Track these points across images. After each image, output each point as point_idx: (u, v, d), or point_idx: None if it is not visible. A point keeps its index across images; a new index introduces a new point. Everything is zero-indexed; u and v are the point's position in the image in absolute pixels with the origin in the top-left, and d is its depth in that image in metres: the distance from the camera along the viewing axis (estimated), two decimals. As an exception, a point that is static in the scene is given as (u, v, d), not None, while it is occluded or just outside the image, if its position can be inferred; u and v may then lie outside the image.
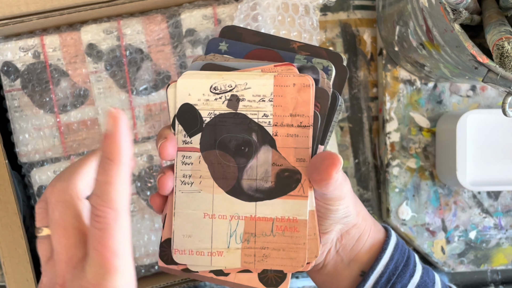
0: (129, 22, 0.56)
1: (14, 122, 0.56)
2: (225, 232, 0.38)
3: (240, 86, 0.37)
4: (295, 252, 0.38)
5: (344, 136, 0.64)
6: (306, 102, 0.37)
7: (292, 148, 0.37)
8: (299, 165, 0.37)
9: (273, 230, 0.38)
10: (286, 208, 0.38)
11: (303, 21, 0.56)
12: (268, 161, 0.38)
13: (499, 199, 0.63)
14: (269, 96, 0.37)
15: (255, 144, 0.38)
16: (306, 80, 0.37)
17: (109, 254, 0.32)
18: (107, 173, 0.33)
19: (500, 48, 0.37)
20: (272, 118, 0.37)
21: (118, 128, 0.33)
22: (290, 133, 0.37)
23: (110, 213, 0.32)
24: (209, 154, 0.38)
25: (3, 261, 0.54)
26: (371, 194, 0.65)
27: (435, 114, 0.63)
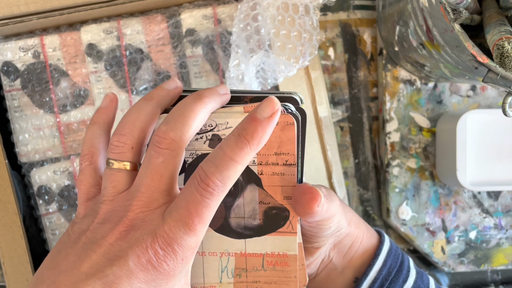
0: (129, 22, 0.56)
1: (14, 122, 0.56)
2: (217, 268, 0.38)
3: (221, 125, 0.37)
4: (286, 285, 0.38)
5: (344, 136, 0.64)
6: (290, 140, 0.37)
7: (279, 187, 0.37)
8: (286, 203, 0.37)
9: (264, 265, 0.38)
10: (276, 244, 0.38)
11: (303, 21, 0.56)
12: (255, 199, 0.38)
13: (499, 199, 0.63)
14: None
15: (240, 183, 0.38)
16: (289, 118, 0.37)
17: (198, 219, 0.32)
18: (239, 153, 0.33)
19: (500, 48, 0.37)
20: (256, 157, 0.37)
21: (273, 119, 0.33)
22: (276, 171, 0.37)
23: (220, 188, 0.32)
24: None
25: (3, 261, 0.54)
26: (371, 194, 0.65)
27: (435, 114, 0.63)
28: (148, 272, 0.32)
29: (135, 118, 0.37)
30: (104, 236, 0.34)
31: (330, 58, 0.64)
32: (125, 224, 0.34)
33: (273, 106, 0.33)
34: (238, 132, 0.33)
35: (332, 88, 0.64)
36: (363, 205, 0.65)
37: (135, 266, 0.32)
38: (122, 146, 0.36)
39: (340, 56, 0.64)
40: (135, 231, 0.33)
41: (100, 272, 0.32)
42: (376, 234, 0.46)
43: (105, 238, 0.33)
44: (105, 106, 0.41)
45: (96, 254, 0.33)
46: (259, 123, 0.33)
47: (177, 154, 0.35)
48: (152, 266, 0.32)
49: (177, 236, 0.32)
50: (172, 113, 0.36)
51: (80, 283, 0.32)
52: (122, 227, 0.34)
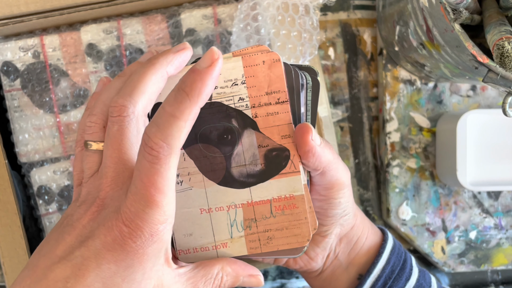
0: (129, 22, 0.56)
1: (14, 122, 0.56)
2: (225, 223, 0.37)
3: None
4: (298, 228, 0.37)
5: (344, 136, 0.64)
6: (279, 77, 0.36)
7: (275, 127, 0.37)
8: (285, 142, 0.37)
9: (273, 212, 0.37)
10: (281, 187, 0.37)
11: (303, 21, 0.56)
12: (254, 144, 0.37)
13: (500, 199, 0.63)
14: (241, 78, 0.36)
15: (237, 130, 0.37)
16: (275, 55, 0.36)
17: (153, 189, 0.30)
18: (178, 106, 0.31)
19: (500, 48, 0.37)
20: (248, 100, 0.37)
21: (213, 68, 0.31)
22: (270, 111, 0.37)
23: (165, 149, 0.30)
24: (192, 149, 0.37)
25: (3, 261, 0.54)
26: (371, 194, 0.65)
27: (435, 114, 0.63)
28: (115, 252, 0.31)
29: (105, 97, 0.37)
30: (79, 218, 0.33)
31: (330, 58, 0.64)
32: (97, 204, 0.33)
33: (213, 55, 0.31)
34: (178, 86, 0.31)
35: (332, 88, 0.64)
36: (363, 205, 0.65)
37: (102, 246, 0.31)
38: (94, 126, 0.36)
39: (340, 56, 0.64)
40: (105, 210, 0.33)
41: (70, 254, 0.32)
42: (380, 231, 0.46)
43: (79, 220, 0.33)
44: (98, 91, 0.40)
45: (70, 237, 0.33)
46: (197, 73, 0.31)
47: (130, 119, 0.34)
48: (118, 245, 0.31)
49: (139, 211, 0.31)
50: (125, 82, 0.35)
51: (53, 266, 0.31)
52: (94, 207, 0.33)
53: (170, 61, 0.36)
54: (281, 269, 0.64)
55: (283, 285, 0.64)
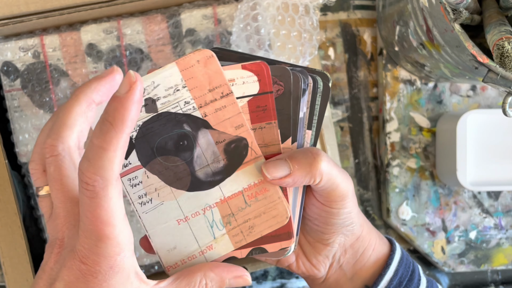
0: (129, 22, 0.56)
1: (14, 122, 0.56)
2: (205, 226, 0.38)
3: (149, 87, 0.36)
4: (274, 209, 0.38)
5: (344, 136, 0.64)
6: (217, 72, 0.36)
7: (226, 120, 0.37)
8: (240, 132, 0.37)
9: (247, 201, 0.38)
10: (248, 176, 0.37)
11: (303, 21, 0.56)
12: (211, 142, 0.37)
13: (499, 199, 0.63)
14: (181, 83, 0.36)
15: (190, 134, 0.37)
16: (207, 52, 0.36)
17: (99, 223, 0.30)
18: (104, 138, 0.30)
19: (500, 48, 0.37)
20: (194, 102, 0.37)
21: (132, 92, 0.30)
22: (217, 107, 0.37)
23: (99, 182, 0.30)
24: (152, 164, 0.37)
25: (3, 261, 0.54)
26: (371, 194, 0.65)
27: (435, 114, 0.63)
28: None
29: (40, 140, 0.37)
30: (47, 261, 0.34)
31: (330, 58, 0.64)
32: (58, 245, 0.34)
33: (130, 79, 0.30)
34: (102, 117, 0.31)
35: (332, 88, 0.64)
36: (363, 205, 0.65)
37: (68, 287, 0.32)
38: (35, 171, 0.36)
39: (340, 56, 0.64)
40: (64, 250, 0.33)
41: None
42: (388, 242, 0.46)
43: (47, 264, 0.34)
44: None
45: (42, 281, 0.33)
46: (118, 100, 0.30)
47: (63, 157, 0.34)
48: (82, 283, 0.31)
49: (92, 247, 0.31)
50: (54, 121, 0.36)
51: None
52: (56, 249, 0.34)
53: (94, 88, 0.36)
54: (281, 269, 0.64)
55: (283, 285, 0.65)
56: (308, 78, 0.39)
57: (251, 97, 0.37)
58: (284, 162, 0.37)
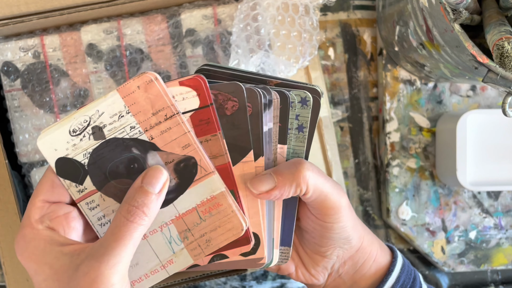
0: (129, 22, 0.56)
1: (14, 122, 0.56)
2: (163, 242, 0.39)
3: (94, 115, 0.38)
4: (229, 223, 0.39)
5: (344, 136, 0.64)
6: (158, 95, 0.37)
7: (173, 141, 0.38)
8: (188, 151, 0.38)
9: (201, 216, 0.39)
10: (200, 192, 0.39)
11: (303, 21, 0.56)
12: (160, 163, 0.38)
13: (499, 199, 0.63)
14: (124, 109, 0.38)
15: (140, 157, 0.38)
16: (146, 77, 0.37)
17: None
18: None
19: (500, 48, 0.37)
20: (139, 126, 0.38)
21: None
22: (163, 129, 0.38)
23: None
24: (107, 188, 0.38)
25: (3, 261, 0.54)
26: (371, 194, 0.65)
27: (435, 114, 0.63)
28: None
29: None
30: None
31: (330, 58, 0.64)
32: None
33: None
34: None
35: (332, 88, 0.64)
36: (363, 205, 0.65)
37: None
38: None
39: (340, 56, 0.64)
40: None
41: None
42: (389, 251, 0.46)
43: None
44: None
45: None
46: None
47: None
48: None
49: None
50: None
51: None
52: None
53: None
54: (281, 269, 0.64)
55: (283, 285, 0.65)
56: (270, 94, 0.40)
57: (193, 112, 0.38)
58: (269, 176, 0.39)
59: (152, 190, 0.36)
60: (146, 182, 0.37)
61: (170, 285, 0.55)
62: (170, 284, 0.55)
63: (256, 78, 0.42)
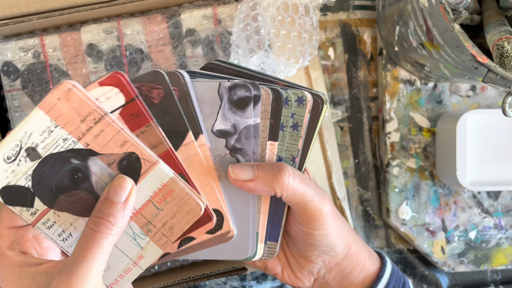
0: (129, 22, 0.56)
1: (14, 122, 0.56)
2: (129, 240, 0.39)
3: (24, 138, 0.37)
4: (187, 205, 0.39)
5: (344, 136, 0.64)
6: (81, 102, 0.37)
7: (109, 142, 0.38)
8: (126, 148, 0.38)
9: (158, 206, 0.39)
10: (149, 184, 0.39)
11: (303, 21, 0.56)
12: (103, 167, 0.38)
13: (499, 199, 0.63)
14: (52, 124, 0.37)
15: (81, 166, 0.38)
16: (63, 87, 0.37)
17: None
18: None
19: (500, 48, 0.37)
20: (72, 136, 0.38)
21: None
22: (95, 133, 0.38)
23: None
24: (58, 203, 0.39)
25: None
26: (371, 194, 0.65)
27: (435, 114, 0.63)
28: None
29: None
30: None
31: (330, 58, 0.64)
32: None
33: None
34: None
35: (332, 88, 0.64)
36: (363, 205, 0.65)
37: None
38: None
39: (340, 56, 0.64)
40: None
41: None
42: (378, 258, 0.46)
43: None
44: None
45: None
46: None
47: None
48: None
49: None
50: None
51: None
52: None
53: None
54: (281, 269, 0.64)
55: (283, 285, 0.65)
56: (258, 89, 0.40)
57: (121, 109, 0.39)
58: (250, 168, 0.39)
59: (117, 200, 0.37)
60: (111, 193, 0.37)
61: (170, 285, 0.55)
62: (170, 284, 0.55)
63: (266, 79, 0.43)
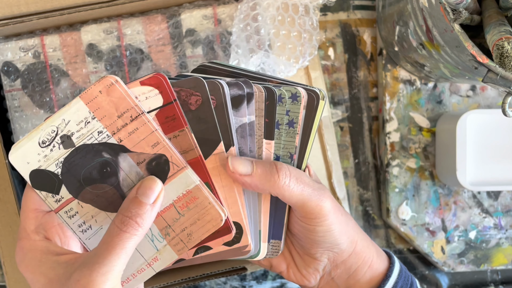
0: (129, 22, 0.56)
1: (14, 122, 0.56)
2: (146, 241, 0.39)
3: (61, 125, 0.38)
4: (208, 214, 0.39)
5: (344, 136, 0.64)
6: (121, 98, 0.38)
7: (142, 141, 0.38)
8: (158, 149, 0.38)
9: (180, 211, 0.39)
10: (175, 188, 0.39)
11: (303, 21, 0.56)
12: (132, 164, 0.38)
13: (499, 199, 0.63)
14: (89, 115, 0.38)
15: (111, 160, 0.38)
16: (107, 81, 0.37)
17: None
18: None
19: (500, 48, 0.37)
20: (107, 130, 0.38)
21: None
22: (130, 130, 0.38)
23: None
24: (83, 194, 0.39)
25: (3, 261, 0.54)
26: (371, 194, 0.65)
27: (435, 114, 0.63)
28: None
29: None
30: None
31: (330, 58, 0.64)
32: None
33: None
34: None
35: (332, 88, 0.64)
36: (363, 205, 0.65)
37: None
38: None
39: (340, 56, 0.64)
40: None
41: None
42: (386, 257, 0.46)
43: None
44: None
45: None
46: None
47: None
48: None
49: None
50: None
51: None
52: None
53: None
54: (281, 269, 0.64)
55: (283, 285, 0.65)
56: (251, 87, 0.40)
57: (158, 110, 0.39)
58: (249, 162, 0.39)
59: (146, 201, 0.37)
60: (141, 193, 0.37)
61: (170, 285, 0.55)
62: (170, 284, 0.55)
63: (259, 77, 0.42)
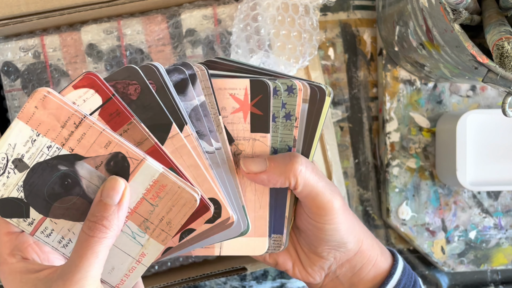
0: (129, 22, 0.56)
1: (14, 122, 0.56)
2: (128, 239, 0.39)
3: (9, 150, 0.38)
4: (181, 198, 0.39)
5: (344, 136, 0.64)
6: (59, 108, 0.37)
7: (94, 144, 0.38)
8: (111, 149, 0.38)
9: (152, 203, 0.39)
10: (140, 182, 0.38)
11: (303, 21, 0.56)
12: (91, 170, 0.38)
13: (499, 199, 0.63)
14: (33, 133, 0.37)
15: (69, 171, 0.38)
16: (39, 95, 0.37)
17: None
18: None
19: (500, 48, 0.37)
20: (55, 143, 0.38)
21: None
22: (78, 137, 0.38)
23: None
24: (53, 211, 0.39)
25: None
26: (371, 194, 0.65)
27: (435, 114, 0.63)
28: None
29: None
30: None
31: (330, 58, 0.64)
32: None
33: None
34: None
35: (332, 88, 0.64)
36: (363, 205, 0.65)
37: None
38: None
39: (340, 56, 0.64)
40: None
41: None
42: (390, 255, 0.46)
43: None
44: None
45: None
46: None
47: None
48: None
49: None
50: None
51: None
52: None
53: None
54: (281, 269, 0.64)
55: (283, 285, 0.65)
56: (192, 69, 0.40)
57: (99, 109, 0.38)
58: (262, 160, 0.40)
59: (111, 202, 0.36)
60: (105, 195, 0.36)
61: (170, 285, 0.55)
62: (170, 284, 0.55)
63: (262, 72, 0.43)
